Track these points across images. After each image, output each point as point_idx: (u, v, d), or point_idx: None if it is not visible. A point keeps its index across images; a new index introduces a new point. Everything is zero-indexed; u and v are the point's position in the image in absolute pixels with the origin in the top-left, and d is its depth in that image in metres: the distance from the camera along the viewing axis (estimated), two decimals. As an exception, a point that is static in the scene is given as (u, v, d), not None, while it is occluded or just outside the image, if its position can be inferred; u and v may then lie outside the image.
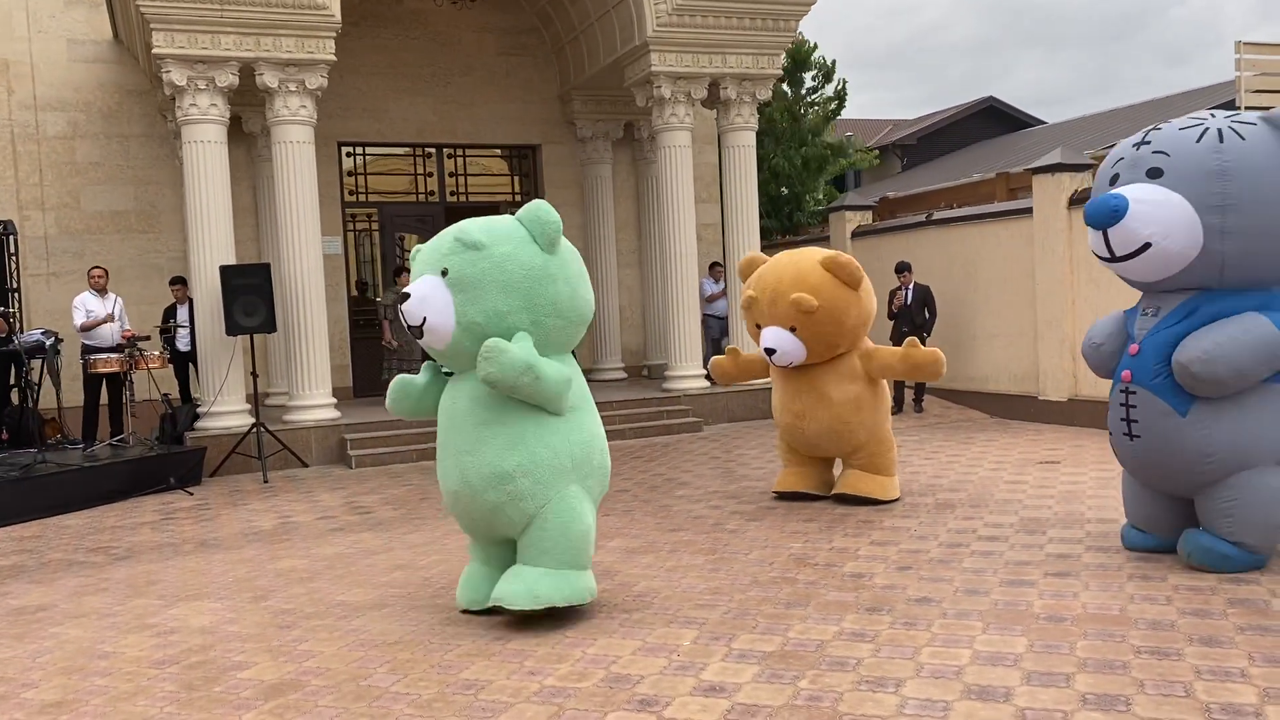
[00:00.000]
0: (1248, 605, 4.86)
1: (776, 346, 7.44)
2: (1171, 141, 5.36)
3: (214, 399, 11.15)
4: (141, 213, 13.75)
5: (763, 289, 7.56)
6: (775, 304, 7.44)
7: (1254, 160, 5.11)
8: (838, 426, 7.64)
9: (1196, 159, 5.21)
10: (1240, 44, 11.51)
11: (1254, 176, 5.10)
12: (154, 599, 6.13)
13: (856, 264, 7.46)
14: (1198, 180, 5.18)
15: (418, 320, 5.03)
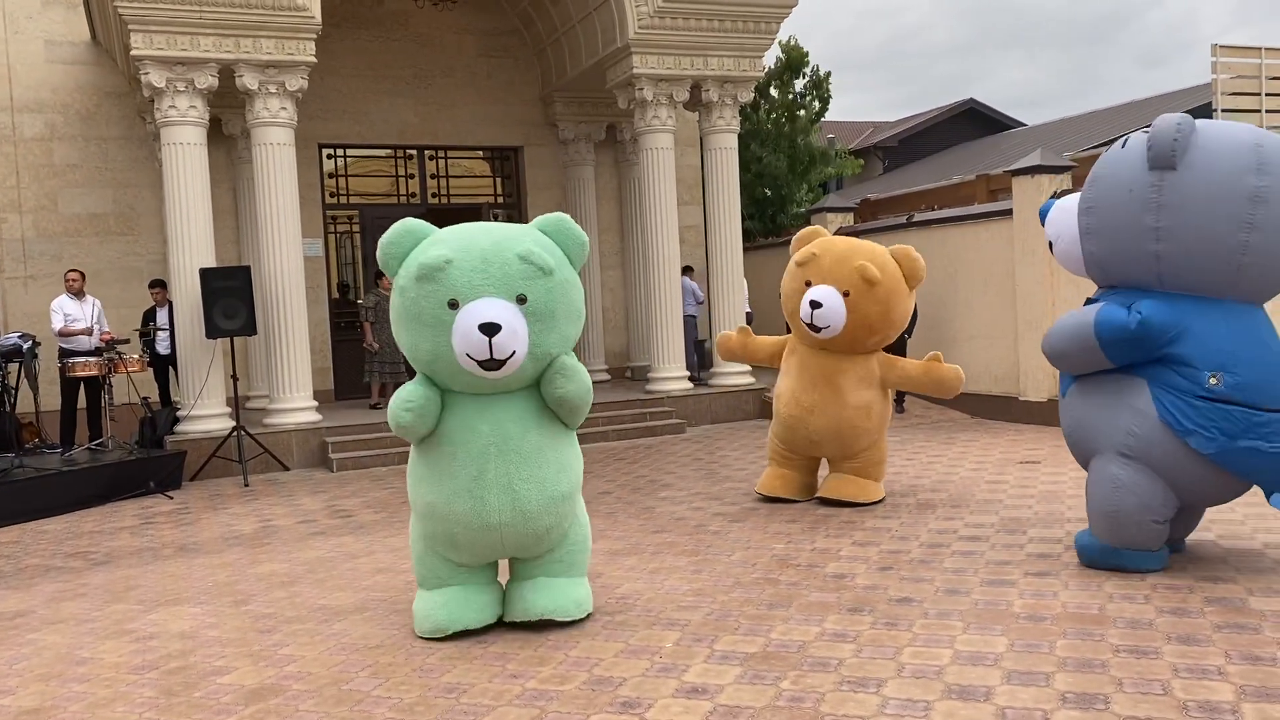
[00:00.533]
0: (1225, 604, 4.90)
1: (824, 302, 7.28)
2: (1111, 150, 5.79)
3: (194, 402, 11.08)
4: (120, 215, 13.66)
5: (828, 249, 7.49)
6: (839, 265, 7.37)
7: (1115, 165, 5.47)
8: (845, 429, 7.56)
9: (1094, 167, 5.69)
10: (1216, 47, 11.61)
11: (1108, 179, 5.46)
12: (133, 604, 6.09)
13: (924, 263, 7.56)
14: (1085, 186, 5.66)
15: (507, 354, 4.63)
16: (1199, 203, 5.11)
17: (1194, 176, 5.13)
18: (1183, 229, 5.15)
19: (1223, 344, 5.14)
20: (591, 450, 11.51)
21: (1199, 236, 5.14)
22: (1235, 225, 5.07)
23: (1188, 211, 5.13)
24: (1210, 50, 11.60)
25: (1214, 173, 5.10)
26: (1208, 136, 5.19)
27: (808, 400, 7.56)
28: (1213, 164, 5.11)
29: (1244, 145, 5.13)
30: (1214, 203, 5.08)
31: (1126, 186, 5.31)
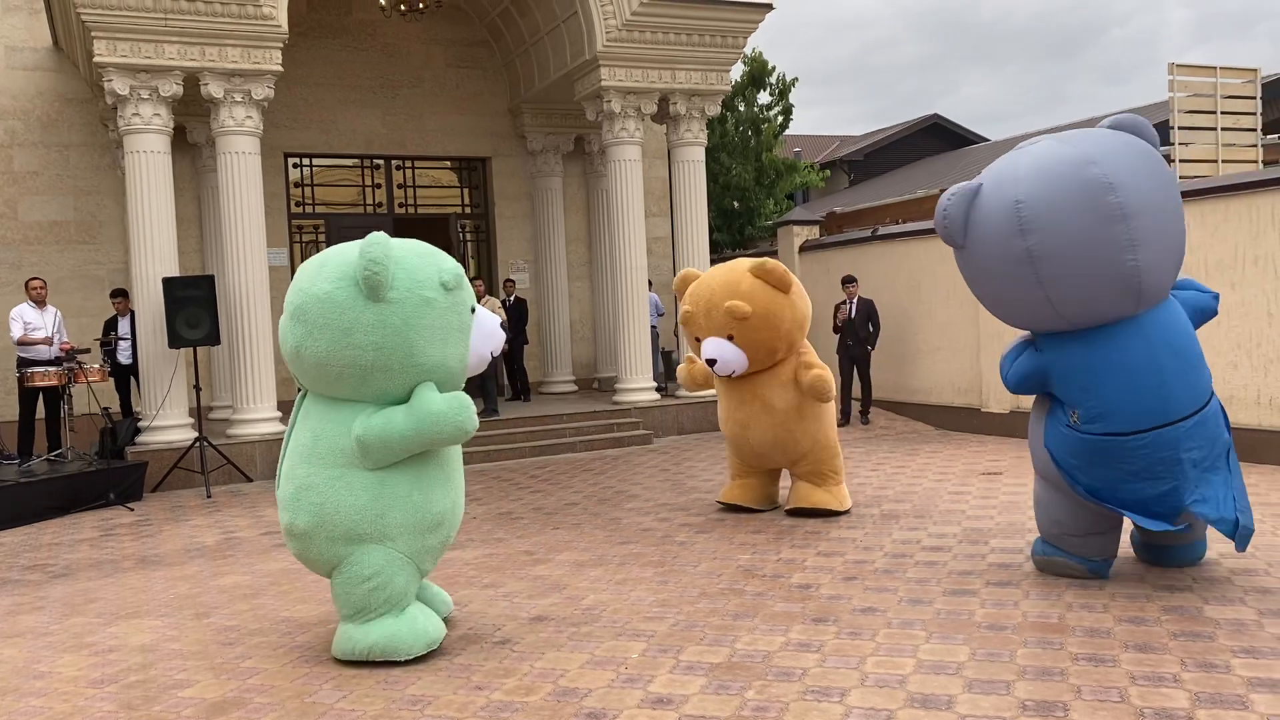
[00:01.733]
0: (1181, 613, 4.99)
1: (717, 356, 7.52)
2: None
3: (156, 413, 10.96)
4: (81, 223, 13.50)
5: (697, 302, 7.67)
6: (710, 315, 7.55)
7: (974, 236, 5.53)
8: (781, 435, 7.71)
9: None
10: (1173, 66, 11.83)
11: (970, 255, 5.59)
12: (92, 617, 6.01)
13: (784, 268, 7.56)
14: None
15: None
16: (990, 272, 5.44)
17: (976, 248, 5.42)
18: (988, 294, 5.63)
19: (1080, 378, 5.29)
20: (558, 461, 11.50)
21: (1002, 298, 5.56)
22: (1029, 283, 5.21)
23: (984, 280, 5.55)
24: (1168, 69, 11.81)
25: (986, 243, 5.31)
26: (980, 207, 5.33)
27: (741, 417, 7.80)
28: (983, 234, 5.31)
29: (1007, 205, 5.16)
30: (1000, 271, 5.34)
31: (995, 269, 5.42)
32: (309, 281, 4.74)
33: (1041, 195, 5.08)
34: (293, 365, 4.85)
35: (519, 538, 7.60)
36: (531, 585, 6.18)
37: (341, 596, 4.88)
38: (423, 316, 4.64)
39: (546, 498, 9.26)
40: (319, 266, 4.78)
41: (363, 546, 4.77)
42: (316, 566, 4.96)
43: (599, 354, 15.92)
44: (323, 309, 4.63)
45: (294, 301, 4.77)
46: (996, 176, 5.34)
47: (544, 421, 12.52)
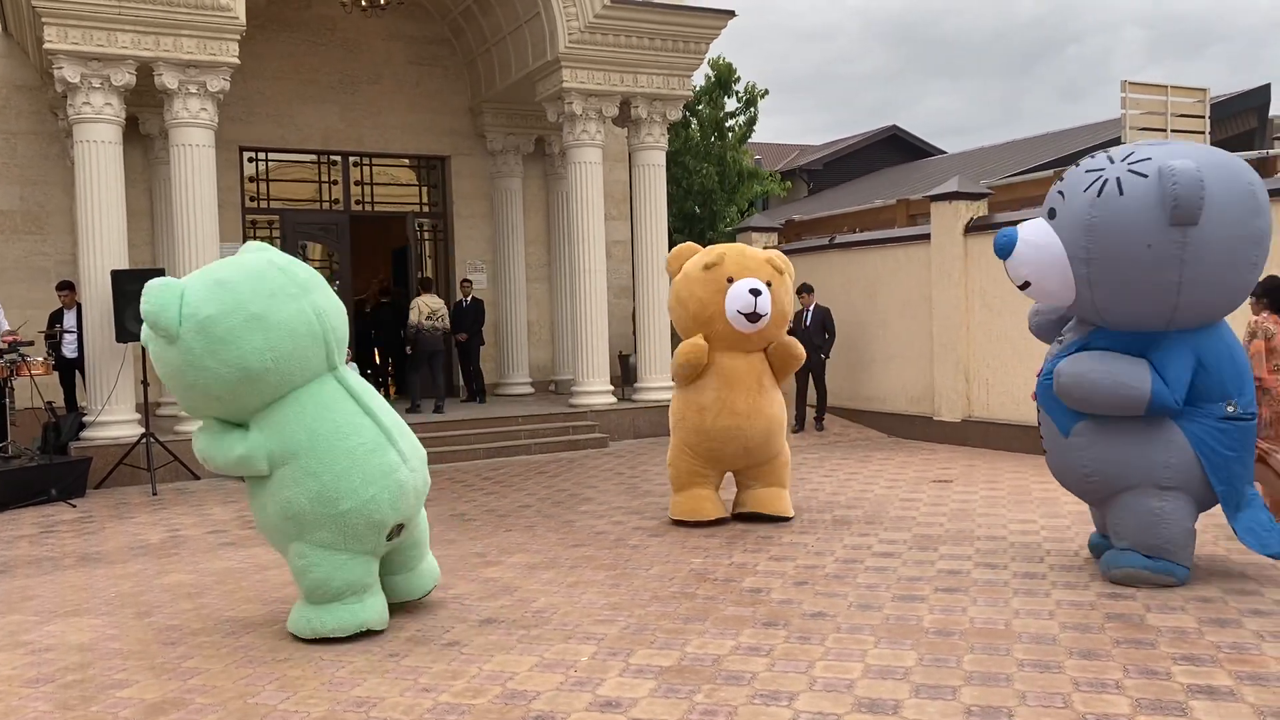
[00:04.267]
0: (1124, 620, 5.07)
1: (761, 288, 7.31)
2: (1071, 184, 5.60)
3: (102, 408, 10.74)
4: (28, 213, 13.19)
5: (727, 249, 7.57)
6: (750, 259, 7.50)
7: (1123, 218, 5.28)
8: (775, 429, 7.58)
9: (1076, 209, 5.47)
10: (1126, 83, 12.05)
11: (1115, 234, 5.30)
12: (29, 615, 5.86)
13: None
14: (1071, 229, 5.48)
15: None
16: (1219, 252, 5.26)
17: (1212, 227, 5.20)
18: (1204, 278, 5.29)
19: (1230, 369, 5.50)
20: (513, 463, 11.44)
21: (1216, 281, 5.35)
22: (1245, 267, 5.40)
23: (1209, 262, 5.25)
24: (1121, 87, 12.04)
25: (1229, 221, 5.24)
26: (1214, 181, 5.23)
27: (743, 406, 7.40)
28: (1227, 213, 5.23)
29: (1245, 188, 5.30)
30: (1230, 249, 5.29)
31: (1143, 241, 5.22)
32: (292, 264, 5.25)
33: (1259, 184, 5.39)
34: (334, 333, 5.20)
35: (470, 539, 7.54)
36: (482, 587, 6.13)
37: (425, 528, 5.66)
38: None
39: (500, 500, 9.21)
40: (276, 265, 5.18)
41: None
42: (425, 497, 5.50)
43: (557, 356, 15.86)
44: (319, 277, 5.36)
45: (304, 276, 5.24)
46: (1208, 163, 5.28)
47: (499, 423, 12.45)
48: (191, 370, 4.84)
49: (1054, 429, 5.82)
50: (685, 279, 7.61)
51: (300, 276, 5.12)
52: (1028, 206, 12.56)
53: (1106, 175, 5.38)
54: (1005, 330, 11.35)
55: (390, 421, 5.27)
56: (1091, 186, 5.41)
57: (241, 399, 4.94)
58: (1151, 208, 5.20)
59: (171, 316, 4.78)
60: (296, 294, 5.01)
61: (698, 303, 7.46)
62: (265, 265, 5.06)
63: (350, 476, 4.97)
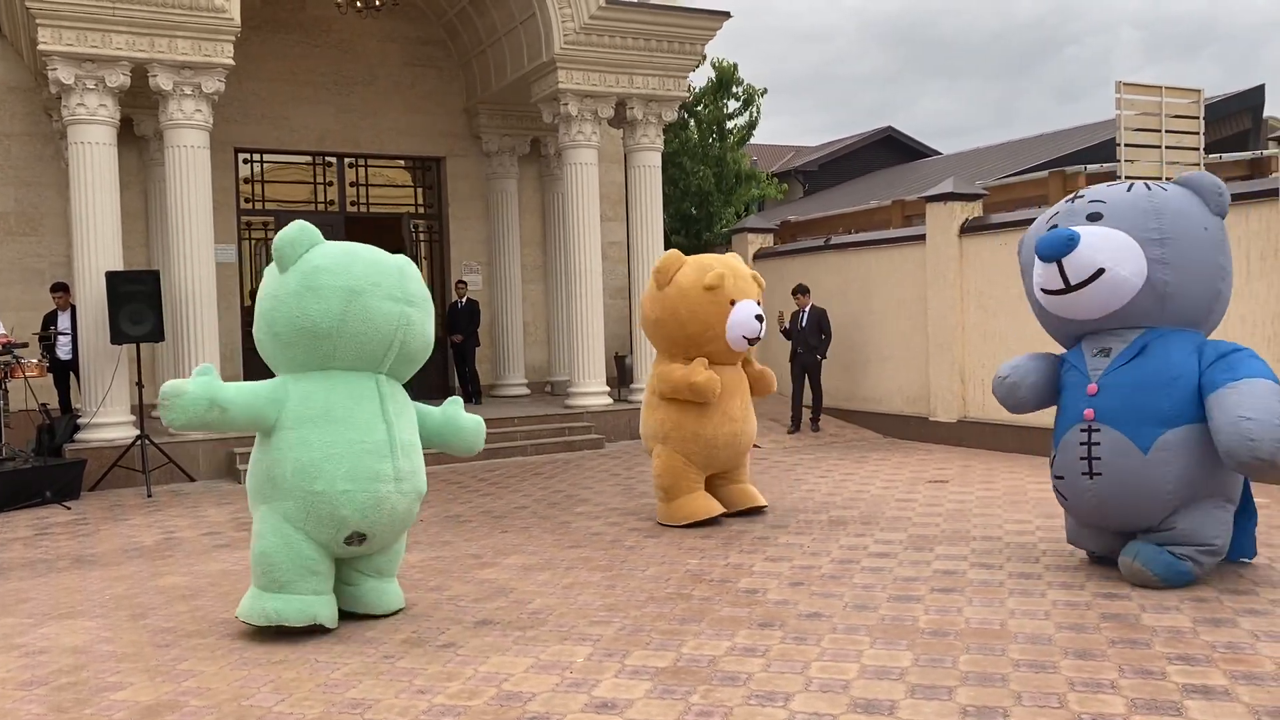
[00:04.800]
0: (1119, 620, 5.07)
1: (763, 314, 7.75)
2: (1104, 193, 5.93)
3: (96, 410, 10.71)
4: (22, 214, 13.16)
5: (727, 268, 7.73)
6: (746, 280, 7.79)
7: (1178, 204, 5.73)
8: (753, 433, 8.07)
9: (1130, 201, 5.77)
10: (1120, 84, 12.05)
11: (1180, 216, 5.70)
12: (23, 618, 5.85)
13: None
14: (1135, 217, 5.67)
15: None
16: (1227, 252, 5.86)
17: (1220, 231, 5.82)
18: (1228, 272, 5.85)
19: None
20: (509, 465, 11.44)
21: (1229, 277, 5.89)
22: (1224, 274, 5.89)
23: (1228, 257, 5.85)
24: (1115, 87, 12.03)
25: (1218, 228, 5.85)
26: None
27: (739, 412, 7.84)
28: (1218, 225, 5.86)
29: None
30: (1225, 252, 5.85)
31: (1201, 224, 5.68)
32: (417, 280, 5.51)
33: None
34: (419, 355, 5.50)
35: (466, 540, 7.53)
36: (478, 588, 6.12)
37: (398, 553, 5.67)
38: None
39: (496, 501, 9.20)
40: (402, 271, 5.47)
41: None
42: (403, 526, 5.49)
43: (552, 357, 15.85)
44: (429, 305, 5.62)
45: (428, 301, 5.58)
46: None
47: (495, 424, 12.41)
48: (279, 304, 5.21)
49: (1124, 451, 5.49)
50: (684, 298, 7.61)
51: (411, 289, 5.41)
52: (1023, 208, 12.58)
53: (1136, 184, 5.89)
54: (1000, 331, 11.36)
55: (405, 440, 5.36)
56: (1134, 188, 5.84)
57: (298, 350, 5.23)
58: (1195, 199, 5.76)
59: (295, 251, 5.25)
60: (400, 299, 5.31)
61: (701, 324, 7.60)
62: (395, 266, 5.41)
63: (336, 463, 5.10)
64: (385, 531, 5.33)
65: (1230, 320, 9.00)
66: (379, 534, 5.30)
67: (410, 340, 5.39)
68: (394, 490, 5.23)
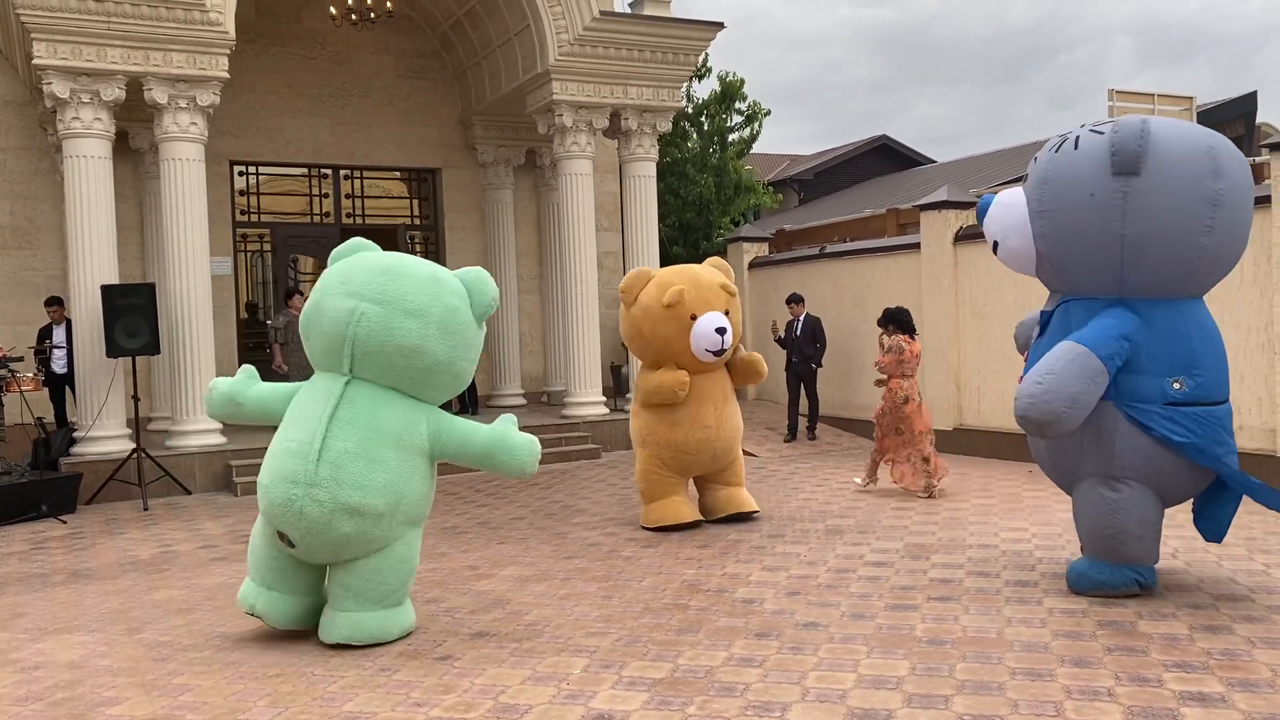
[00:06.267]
0: (1116, 627, 5.08)
1: (726, 325, 7.68)
2: (1044, 149, 5.77)
3: (92, 423, 10.70)
4: (18, 228, 13.16)
5: (684, 280, 7.75)
6: (701, 291, 7.71)
7: (1073, 169, 5.40)
8: (737, 437, 8.12)
9: (1037, 166, 5.68)
10: (1113, 92, 12.14)
11: (1065, 184, 5.42)
12: (19, 632, 5.83)
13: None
14: (1031, 186, 5.67)
15: None
16: (1164, 208, 5.24)
17: (1157, 181, 5.23)
18: (1149, 235, 5.27)
19: (1182, 347, 5.37)
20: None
21: (1164, 242, 5.29)
22: (1198, 229, 5.27)
23: (1154, 217, 5.24)
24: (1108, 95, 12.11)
25: (1176, 178, 5.23)
26: (1165, 140, 5.28)
27: (712, 420, 7.89)
28: (1174, 169, 5.24)
29: (1200, 148, 5.31)
30: (1178, 207, 5.24)
31: (1087, 190, 5.33)
32: (433, 290, 5.29)
33: (1223, 149, 5.34)
34: (407, 357, 5.21)
35: (463, 552, 7.52)
36: (474, 600, 6.12)
37: (389, 575, 5.27)
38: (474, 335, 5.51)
39: (492, 512, 9.19)
40: (434, 280, 5.34)
41: (415, 529, 5.42)
42: (363, 547, 5.19)
43: (549, 367, 15.86)
44: (452, 320, 5.31)
45: (420, 305, 5.22)
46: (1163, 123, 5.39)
47: (491, 435, 12.41)
48: (478, 351, 5.62)
49: None
50: (646, 316, 7.79)
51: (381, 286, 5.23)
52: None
53: (1070, 134, 5.57)
54: (996, 338, 11.38)
55: (341, 448, 5.06)
56: (1053, 145, 5.62)
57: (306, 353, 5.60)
58: (1100, 160, 5.31)
59: (333, 259, 5.56)
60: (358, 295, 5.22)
61: (662, 340, 7.78)
62: (382, 267, 5.35)
63: (269, 458, 5.32)
64: (305, 539, 5.09)
65: (1223, 326, 9.00)
66: (300, 540, 5.11)
67: (365, 337, 5.13)
68: (303, 495, 4.99)
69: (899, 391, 9.19)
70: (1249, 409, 9.13)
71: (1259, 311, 9.07)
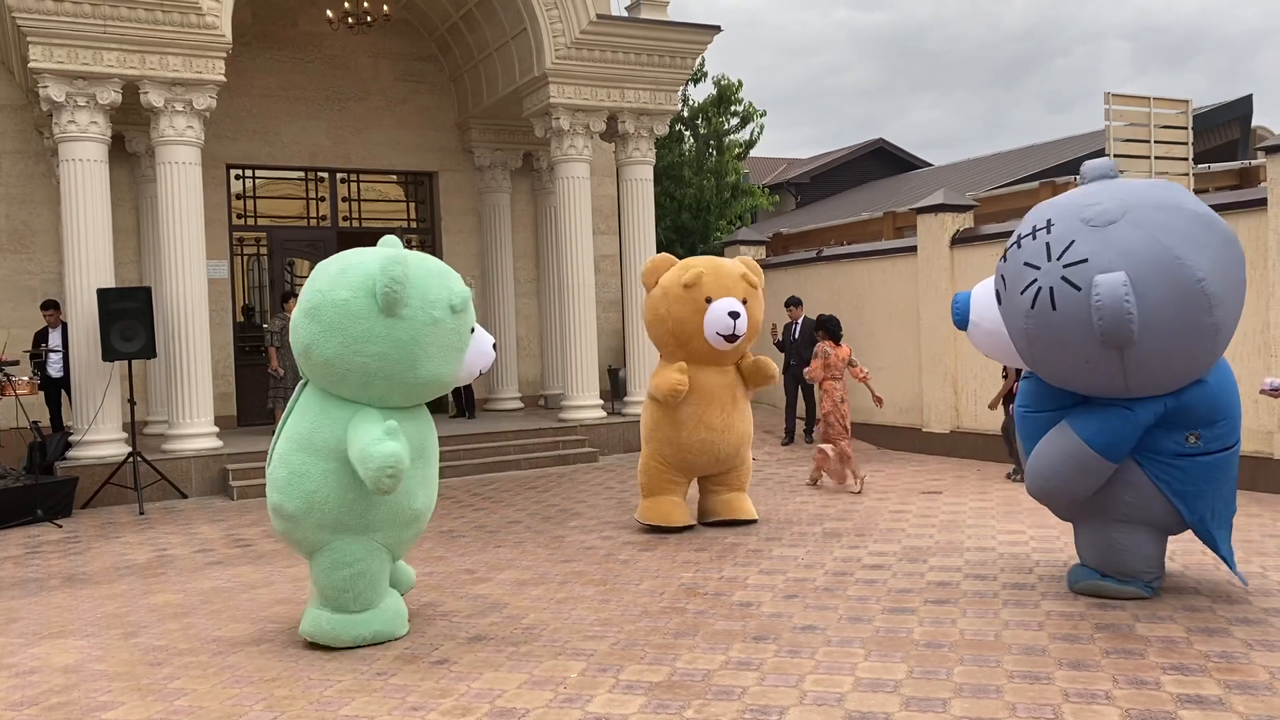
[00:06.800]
0: (1113, 630, 5.07)
1: (740, 311, 7.55)
2: (1011, 275, 5.36)
3: (88, 427, 10.68)
4: (14, 232, 13.14)
5: (705, 264, 7.71)
6: (720, 276, 7.64)
7: (1058, 333, 5.11)
8: (744, 441, 8.02)
9: (1014, 312, 5.34)
10: (1109, 95, 12.12)
11: (1056, 349, 5.19)
12: (14, 637, 5.81)
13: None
14: (1015, 334, 5.44)
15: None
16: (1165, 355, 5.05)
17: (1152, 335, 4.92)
18: (1152, 376, 5.14)
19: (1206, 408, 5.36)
20: (502, 479, 11.41)
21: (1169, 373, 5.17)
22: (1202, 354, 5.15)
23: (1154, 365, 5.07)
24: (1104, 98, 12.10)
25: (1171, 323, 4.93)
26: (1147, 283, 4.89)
27: (719, 421, 7.79)
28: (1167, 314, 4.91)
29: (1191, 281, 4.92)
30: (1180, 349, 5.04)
31: (1080, 358, 5.11)
32: (328, 285, 5.11)
33: (1216, 268, 4.96)
34: (300, 359, 5.27)
35: (460, 556, 7.51)
36: (471, 604, 6.10)
37: (320, 579, 5.29)
38: (429, 335, 5.11)
39: (489, 515, 9.18)
40: (339, 272, 5.14)
41: (345, 536, 5.23)
42: (298, 548, 5.39)
43: (546, 371, 15.85)
44: (338, 314, 5.03)
45: (311, 301, 5.14)
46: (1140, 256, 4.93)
47: (489, 439, 12.42)
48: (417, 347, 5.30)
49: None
50: (664, 296, 7.75)
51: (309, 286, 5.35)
52: (1013, 219, 12.62)
53: (1040, 284, 5.10)
54: (993, 341, 11.36)
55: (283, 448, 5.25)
56: (1027, 292, 5.16)
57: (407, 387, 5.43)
58: (1085, 325, 4.95)
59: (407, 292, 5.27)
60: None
61: (676, 322, 7.69)
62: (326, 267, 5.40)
63: None
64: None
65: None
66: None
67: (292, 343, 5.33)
68: (270, 488, 5.34)
69: (835, 392, 9.76)
70: (1245, 412, 9.11)
71: (1254, 314, 9.08)
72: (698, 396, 7.76)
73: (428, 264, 5.30)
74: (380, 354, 5.03)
